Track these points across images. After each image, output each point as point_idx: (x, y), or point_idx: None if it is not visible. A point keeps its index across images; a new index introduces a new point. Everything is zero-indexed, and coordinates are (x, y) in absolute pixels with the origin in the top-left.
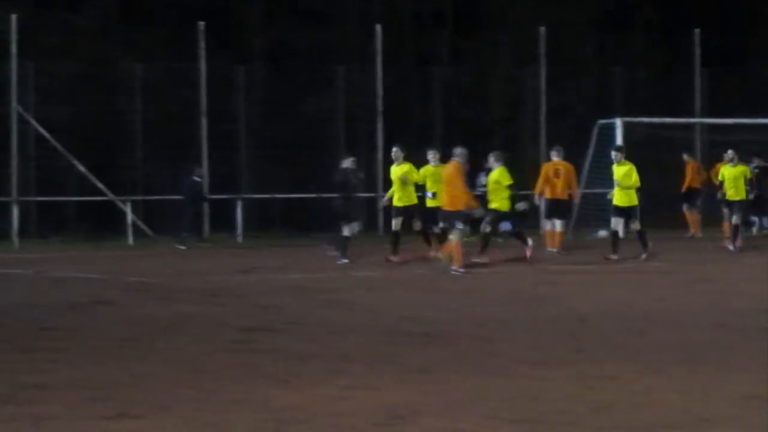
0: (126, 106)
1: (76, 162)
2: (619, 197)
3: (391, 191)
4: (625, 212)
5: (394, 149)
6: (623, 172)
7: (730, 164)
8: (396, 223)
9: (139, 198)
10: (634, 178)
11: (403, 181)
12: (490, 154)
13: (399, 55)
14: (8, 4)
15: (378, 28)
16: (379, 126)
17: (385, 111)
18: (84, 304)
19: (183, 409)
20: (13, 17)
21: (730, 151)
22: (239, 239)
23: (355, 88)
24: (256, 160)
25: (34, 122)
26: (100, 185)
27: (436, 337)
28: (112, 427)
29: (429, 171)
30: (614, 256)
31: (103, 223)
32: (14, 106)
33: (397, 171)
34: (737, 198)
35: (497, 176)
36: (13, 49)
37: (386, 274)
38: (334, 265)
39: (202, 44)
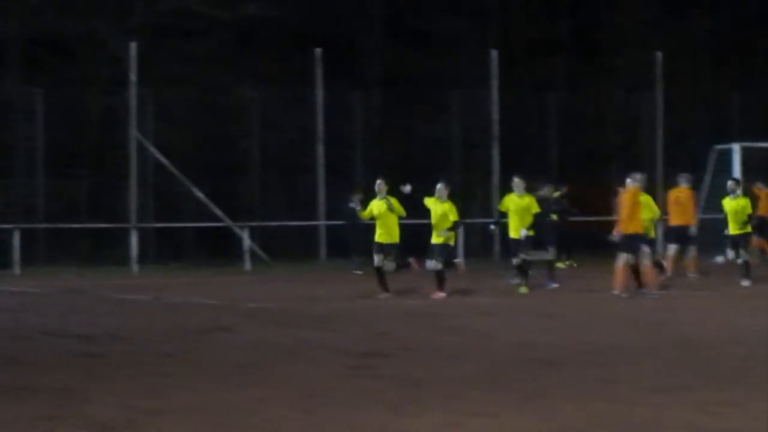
0: (243, 133)
1: (193, 188)
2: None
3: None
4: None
5: (378, 181)
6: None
7: (731, 197)
8: (378, 259)
9: (256, 224)
10: (648, 211)
11: (389, 209)
12: (441, 185)
13: (514, 81)
14: (128, 32)
15: (494, 53)
16: (495, 151)
17: (500, 136)
18: (202, 330)
19: None
20: (133, 45)
21: (730, 182)
22: (354, 265)
23: (470, 114)
24: (372, 185)
25: (152, 149)
26: (218, 211)
27: (552, 362)
28: None
29: (512, 200)
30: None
31: (220, 249)
32: (134, 133)
33: (380, 205)
34: (740, 232)
35: (447, 209)
36: (133, 76)
37: (500, 300)
38: (447, 291)
39: (319, 71)
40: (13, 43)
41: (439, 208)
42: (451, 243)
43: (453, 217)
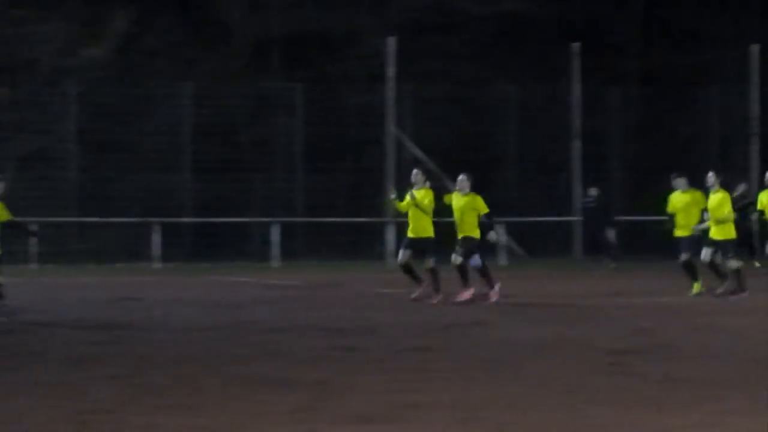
0: (499, 128)
1: (450, 183)
2: (716, 230)
3: None
4: (719, 245)
5: (414, 171)
6: (717, 201)
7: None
8: (404, 255)
9: (511, 219)
10: (727, 210)
11: (415, 206)
12: (463, 177)
13: None
14: (386, 27)
15: (754, 48)
16: (754, 147)
17: (760, 132)
18: (456, 325)
19: None
20: (391, 40)
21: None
22: (609, 262)
23: (729, 110)
24: (628, 182)
25: (410, 144)
26: None
27: None
28: None
29: (675, 198)
30: (720, 289)
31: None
32: (391, 128)
33: (417, 196)
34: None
35: (469, 201)
36: (391, 71)
37: (758, 299)
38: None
39: (576, 66)
40: (274, 39)
41: (461, 201)
42: (476, 236)
43: (482, 209)
